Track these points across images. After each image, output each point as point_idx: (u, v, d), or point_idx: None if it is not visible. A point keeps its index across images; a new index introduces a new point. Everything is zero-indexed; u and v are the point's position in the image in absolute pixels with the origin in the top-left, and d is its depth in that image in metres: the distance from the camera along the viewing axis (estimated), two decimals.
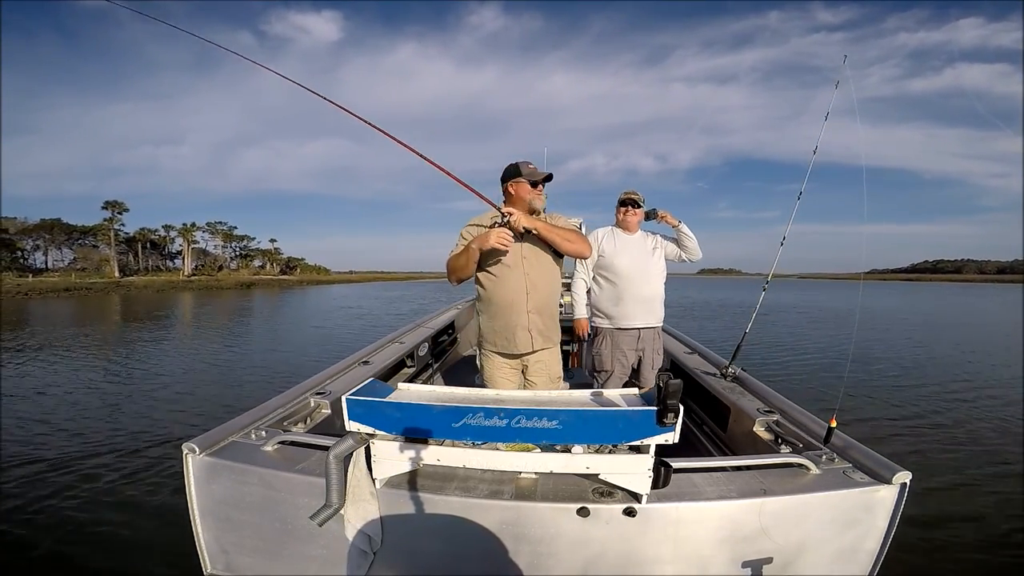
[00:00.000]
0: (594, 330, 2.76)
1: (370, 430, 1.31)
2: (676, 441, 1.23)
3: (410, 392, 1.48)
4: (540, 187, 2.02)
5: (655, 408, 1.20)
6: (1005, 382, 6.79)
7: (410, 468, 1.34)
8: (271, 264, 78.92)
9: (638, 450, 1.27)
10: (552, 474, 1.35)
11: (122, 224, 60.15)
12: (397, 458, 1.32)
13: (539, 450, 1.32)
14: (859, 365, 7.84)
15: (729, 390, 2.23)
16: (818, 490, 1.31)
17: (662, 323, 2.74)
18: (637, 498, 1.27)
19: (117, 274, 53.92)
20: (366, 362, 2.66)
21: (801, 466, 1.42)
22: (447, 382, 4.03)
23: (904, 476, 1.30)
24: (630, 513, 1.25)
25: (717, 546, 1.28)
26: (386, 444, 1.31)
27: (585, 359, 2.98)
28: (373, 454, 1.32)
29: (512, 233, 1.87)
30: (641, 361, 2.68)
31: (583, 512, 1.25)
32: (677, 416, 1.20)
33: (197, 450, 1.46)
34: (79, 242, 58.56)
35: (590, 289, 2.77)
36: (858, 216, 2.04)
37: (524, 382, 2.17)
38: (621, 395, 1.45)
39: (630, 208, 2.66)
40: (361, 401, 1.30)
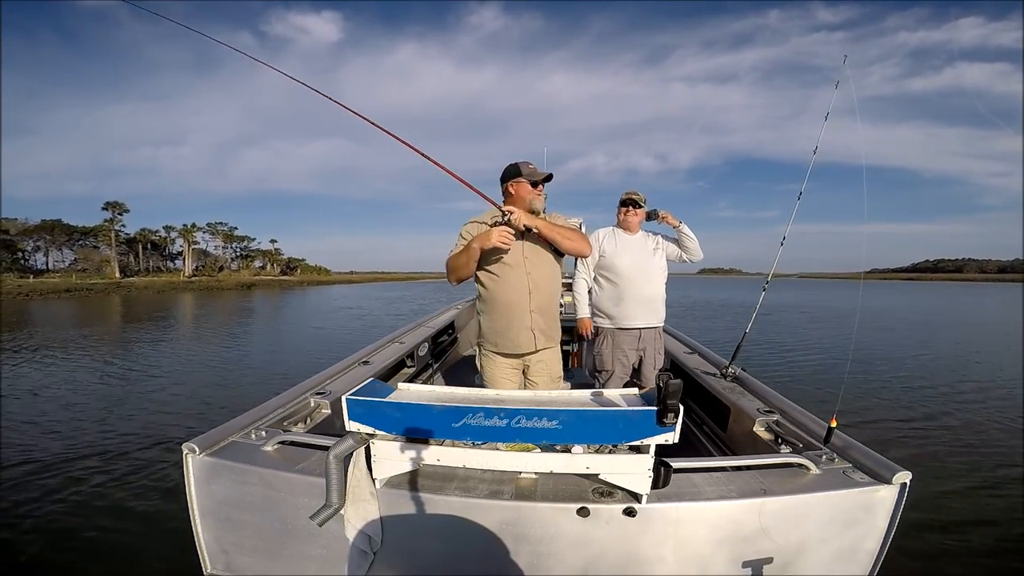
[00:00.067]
0: (595, 330, 2.76)
1: (370, 430, 1.31)
2: (676, 441, 1.23)
3: (410, 392, 1.48)
4: (540, 187, 2.02)
5: (655, 408, 1.20)
6: (1010, 382, 6.72)
7: (410, 468, 1.34)
8: (272, 265, 78.88)
9: (638, 450, 1.27)
10: (552, 474, 1.35)
11: (123, 225, 60.31)
12: (397, 458, 1.32)
13: (539, 450, 1.32)
14: (860, 365, 7.82)
15: (729, 390, 2.23)
16: (818, 490, 1.31)
17: (663, 323, 2.74)
18: (637, 498, 1.27)
19: (118, 275, 53.93)
20: (366, 362, 2.66)
21: (801, 466, 1.42)
22: (447, 382, 4.03)
23: (904, 476, 1.30)
24: (630, 513, 1.25)
25: (717, 546, 1.28)
26: (386, 444, 1.31)
27: (586, 359, 2.98)
28: (373, 454, 1.32)
29: (513, 231, 1.87)
30: (642, 361, 2.68)
31: (583, 512, 1.25)
32: (677, 416, 1.20)
33: (197, 450, 1.46)
34: (80, 243, 58.55)
35: (591, 289, 2.77)
36: (858, 216, 2.04)
37: (525, 382, 2.17)
38: (621, 395, 1.44)
39: (631, 208, 2.66)
40: (361, 401, 1.30)
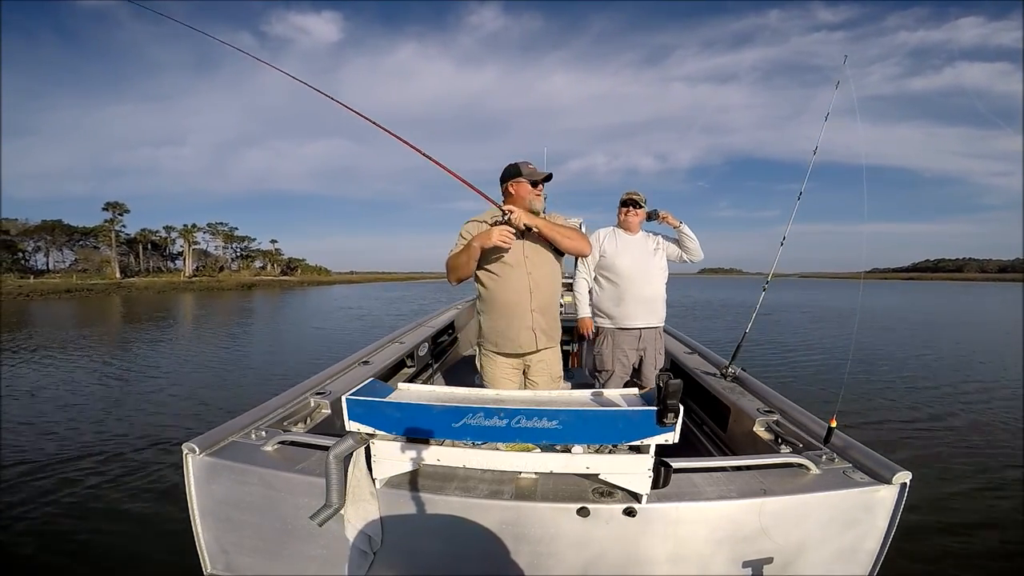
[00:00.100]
0: (596, 330, 2.76)
1: (370, 430, 1.31)
2: (676, 441, 1.23)
3: (410, 392, 1.48)
4: (540, 187, 2.02)
5: (655, 408, 1.20)
6: (1014, 382, 6.67)
7: (410, 468, 1.34)
8: (272, 265, 78.86)
9: (638, 450, 1.27)
10: (552, 474, 1.35)
11: (123, 225, 60.31)
12: (397, 458, 1.32)
13: (539, 450, 1.32)
14: (862, 365, 7.81)
15: (729, 390, 2.23)
16: (818, 490, 1.31)
17: (663, 323, 2.74)
18: (637, 498, 1.27)
19: (118, 275, 53.93)
20: (366, 362, 2.66)
21: (801, 466, 1.42)
22: (447, 382, 4.03)
23: (904, 476, 1.30)
24: (630, 513, 1.25)
25: (717, 546, 1.28)
26: (386, 444, 1.31)
27: (586, 359, 2.98)
28: (373, 454, 1.32)
29: (514, 230, 1.87)
30: (642, 361, 2.68)
31: (583, 512, 1.24)
32: (677, 416, 1.20)
33: (197, 450, 1.46)
34: (80, 243, 58.59)
35: (592, 289, 2.77)
36: (858, 215, 2.04)
37: (525, 382, 2.17)
38: (621, 395, 1.44)
39: (631, 209, 2.66)
40: (361, 401, 1.30)
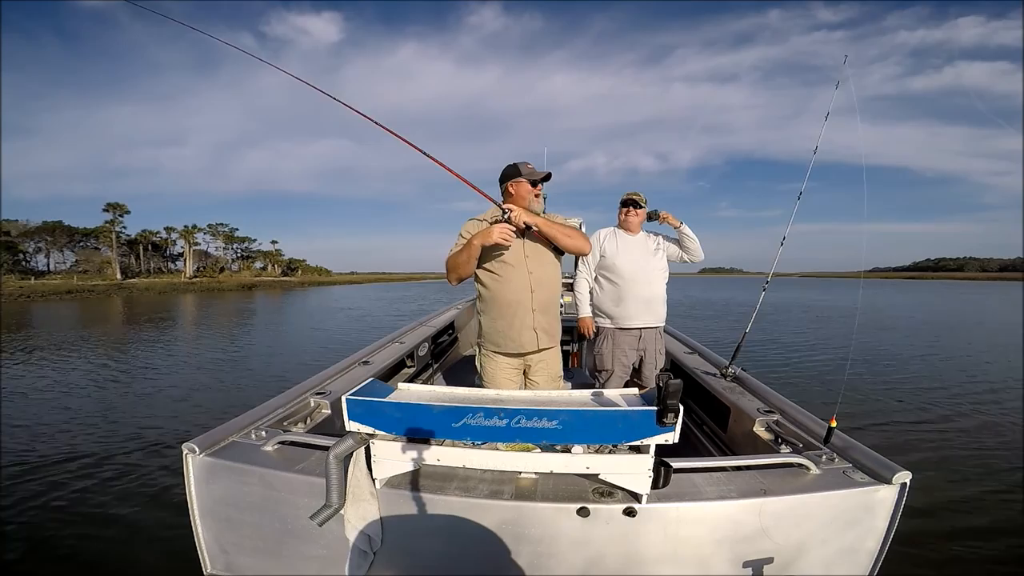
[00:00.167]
0: (596, 330, 2.76)
1: (370, 430, 1.31)
2: (676, 441, 1.23)
3: (410, 392, 1.48)
4: (539, 187, 2.03)
5: (655, 408, 1.20)
6: (1017, 382, 6.63)
7: (410, 468, 1.34)
8: (273, 266, 78.87)
9: (638, 450, 1.27)
10: (552, 474, 1.35)
11: (124, 226, 60.32)
12: (397, 458, 1.32)
13: (539, 450, 1.31)
14: (862, 365, 7.79)
15: (729, 390, 2.23)
16: (818, 490, 1.31)
17: (663, 323, 2.74)
18: (637, 498, 1.27)
19: (119, 276, 54.01)
20: (366, 362, 2.66)
21: (801, 466, 1.42)
22: (447, 382, 4.03)
23: (904, 476, 1.30)
24: (630, 513, 1.25)
25: (717, 546, 1.28)
26: (386, 444, 1.31)
27: (586, 359, 2.98)
28: (373, 454, 1.32)
29: (514, 229, 1.87)
30: (643, 361, 2.68)
31: (583, 512, 1.24)
32: (677, 416, 1.20)
33: (197, 450, 1.46)
34: (81, 244, 58.61)
35: (592, 289, 2.77)
36: (859, 215, 2.04)
37: (525, 382, 2.17)
38: (621, 395, 1.44)
39: (632, 209, 2.66)
40: (361, 401, 1.30)
